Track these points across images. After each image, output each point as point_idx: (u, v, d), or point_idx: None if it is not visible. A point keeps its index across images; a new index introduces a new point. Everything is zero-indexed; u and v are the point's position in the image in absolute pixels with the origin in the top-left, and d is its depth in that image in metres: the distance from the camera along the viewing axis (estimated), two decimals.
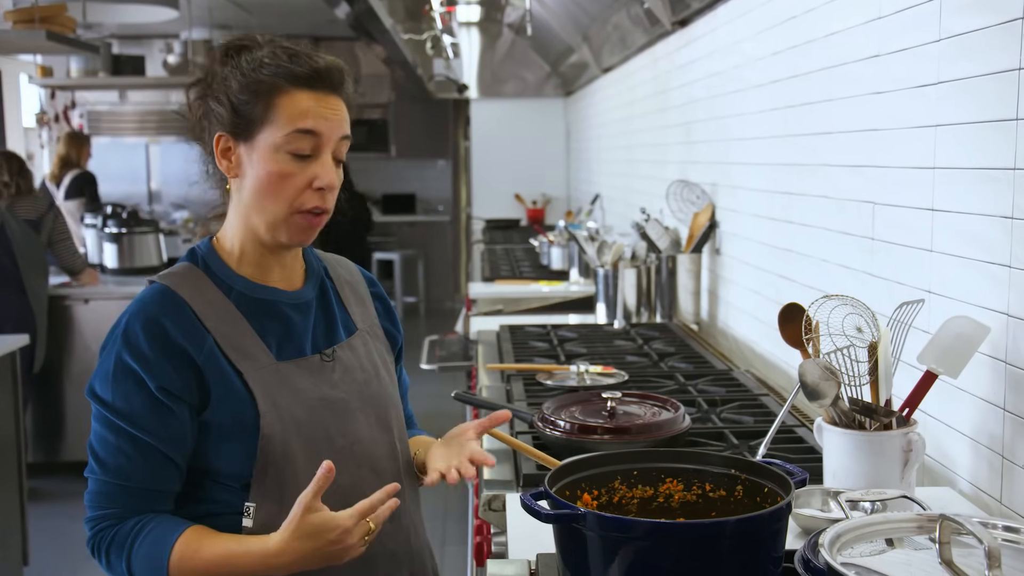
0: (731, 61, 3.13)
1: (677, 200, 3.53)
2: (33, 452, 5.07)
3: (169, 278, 1.42)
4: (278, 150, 1.37)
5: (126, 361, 1.35)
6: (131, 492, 1.35)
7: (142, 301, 1.39)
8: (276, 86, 1.38)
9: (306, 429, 1.40)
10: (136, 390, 1.34)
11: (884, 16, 1.98)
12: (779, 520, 1.21)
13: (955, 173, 1.72)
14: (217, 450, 1.38)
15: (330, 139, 1.39)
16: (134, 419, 1.34)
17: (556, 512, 1.23)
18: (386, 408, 1.52)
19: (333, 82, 1.41)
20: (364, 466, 1.45)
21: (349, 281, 1.59)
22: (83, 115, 9.62)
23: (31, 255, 4.76)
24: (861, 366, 1.61)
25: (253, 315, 1.43)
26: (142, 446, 1.34)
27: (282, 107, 1.37)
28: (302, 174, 1.38)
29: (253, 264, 1.45)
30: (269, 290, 1.45)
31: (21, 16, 4.40)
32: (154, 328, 1.36)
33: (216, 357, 1.37)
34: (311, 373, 1.44)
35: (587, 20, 5.40)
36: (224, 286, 1.43)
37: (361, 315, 1.57)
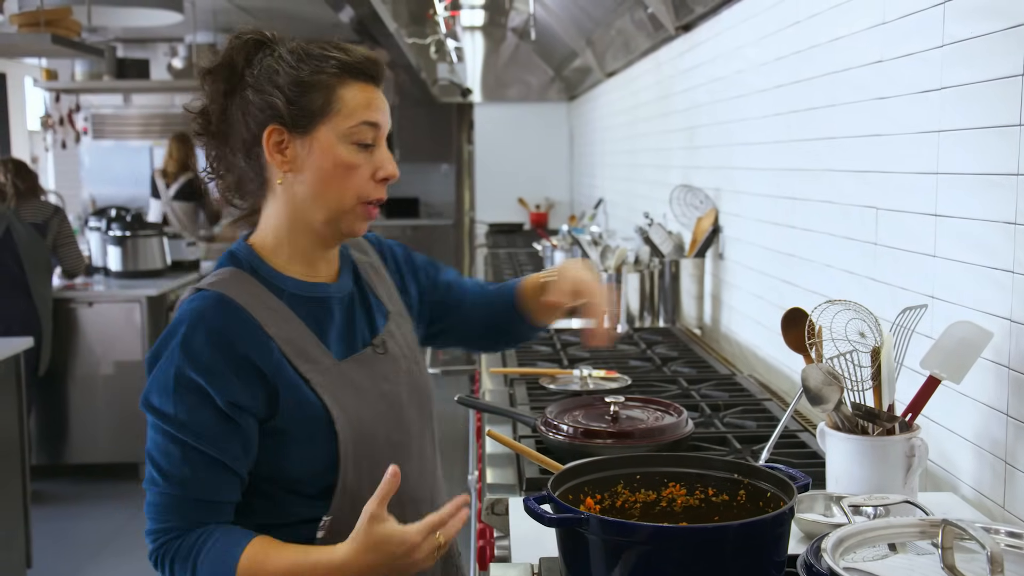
0: (735, 66, 3.14)
1: (680, 205, 3.53)
2: (37, 455, 5.08)
3: (222, 285, 1.36)
4: (343, 141, 1.37)
5: (189, 375, 1.29)
6: (194, 504, 1.31)
7: (200, 312, 1.32)
8: (337, 78, 1.38)
9: (369, 428, 1.39)
10: (201, 404, 1.30)
11: (888, 21, 1.98)
12: (782, 525, 1.21)
13: (958, 178, 1.72)
14: (290, 457, 1.35)
15: (385, 129, 1.42)
16: (198, 433, 1.30)
17: (559, 516, 1.23)
18: (428, 396, 1.52)
19: (380, 75, 1.44)
20: (413, 458, 1.44)
21: (369, 262, 1.57)
22: (87, 118, 9.63)
23: (37, 259, 4.78)
24: (864, 371, 1.61)
25: (308, 316, 1.40)
26: (206, 459, 1.30)
27: (346, 99, 1.38)
28: (367, 164, 1.39)
29: (302, 261, 1.42)
30: (319, 287, 1.43)
31: (26, 19, 4.41)
32: (219, 340, 1.30)
33: (283, 365, 1.34)
34: (367, 368, 1.43)
35: (591, 25, 5.40)
36: (275, 288, 1.39)
37: (388, 296, 1.55)
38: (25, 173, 5.08)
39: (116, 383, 5.16)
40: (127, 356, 5.16)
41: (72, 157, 9.78)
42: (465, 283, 1.71)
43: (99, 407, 5.17)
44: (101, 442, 5.19)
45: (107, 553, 4.32)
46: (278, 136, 1.37)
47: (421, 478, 1.45)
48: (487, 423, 2.24)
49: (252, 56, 1.42)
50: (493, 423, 2.22)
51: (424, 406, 1.50)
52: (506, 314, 1.71)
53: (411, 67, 6.79)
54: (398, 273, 1.62)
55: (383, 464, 1.36)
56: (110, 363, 5.16)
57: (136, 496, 5.28)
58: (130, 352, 5.16)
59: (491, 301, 1.71)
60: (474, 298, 1.70)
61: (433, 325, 1.68)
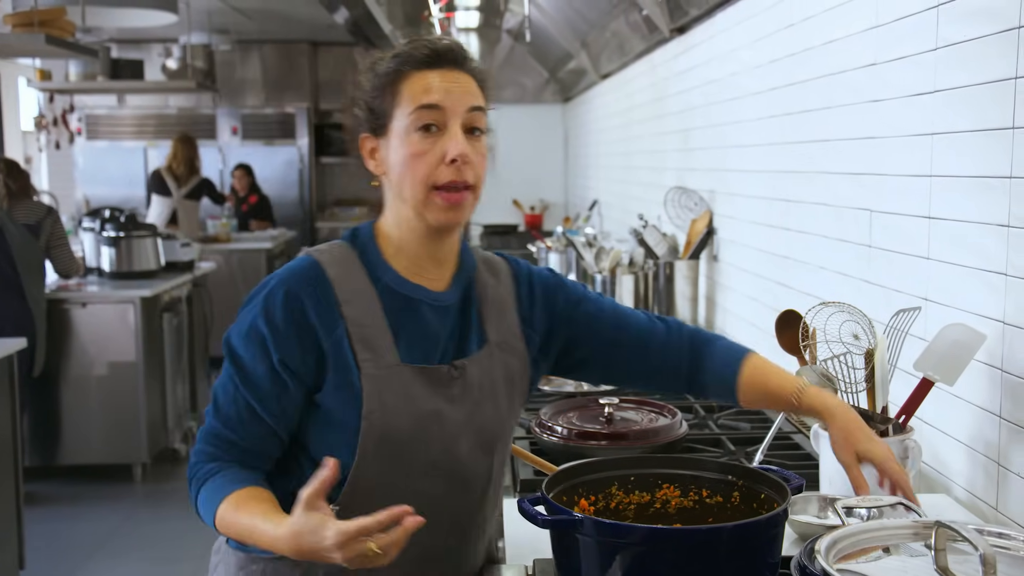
0: (729, 68, 3.14)
1: (675, 206, 3.54)
2: (30, 456, 5.06)
3: (324, 255, 1.41)
4: (408, 132, 1.37)
5: (259, 326, 1.36)
6: (232, 444, 1.38)
7: (291, 270, 1.39)
8: (399, 72, 1.39)
9: (406, 437, 1.37)
10: (260, 357, 1.36)
11: (882, 24, 1.99)
12: (776, 526, 1.22)
13: (952, 181, 1.73)
14: (320, 435, 1.39)
15: (456, 110, 1.38)
16: (249, 382, 1.36)
17: (553, 518, 1.23)
18: (493, 432, 1.46)
19: (455, 58, 1.41)
20: (456, 482, 1.41)
21: (493, 287, 1.52)
22: (81, 119, 9.62)
23: (30, 260, 4.76)
24: (858, 373, 1.62)
25: (393, 310, 1.40)
26: (250, 408, 1.37)
27: (405, 90, 1.38)
28: (433, 150, 1.37)
29: (408, 257, 1.43)
30: (415, 287, 1.42)
31: (20, 20, 4.40)
32: (293, 302, 1.36)
33: (342, 346, 1.36)
34: (432, 383, 1.41)
35: (586, 27, 5.41)
36: (373, 274, 1.41)
37: (497, 326, 1.49)
38: (17, 173, 5.03)
39: (110, 384, 5.15)
40: (121, 357, 5.14)
41: (66, 158, 9.76)
42: (624, 316, 1.57)
43: (92, 408, 5.15)
44: (94, 443, 5.18)
45: (101, 555, 4.30)
46: (370, 144, 1.43)
47: (463, 508, 1.44)
48: None
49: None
50: None
51: (489, 444, 1.46)
52: (703, 377, 1.54)
53: None
54: (529, 304, 1.54)
55: (416, 478, 1.38)
56: (104, 364, 5.15)
57: (130, 498, 5.25)
58: (124, 353, 5.14)
59: (676, 348, 1.55)
60: (636, 334, 1.55)
61: (570, 355, 1.57)
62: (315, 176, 9.97)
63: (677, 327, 1.57)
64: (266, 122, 9.75)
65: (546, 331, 1.54)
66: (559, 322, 1.54)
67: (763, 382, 1.49)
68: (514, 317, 1.51)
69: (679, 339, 1.55)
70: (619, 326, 1.55)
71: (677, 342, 1.55)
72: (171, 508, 4.82)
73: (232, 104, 9.67)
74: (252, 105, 9.72)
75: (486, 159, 1.44)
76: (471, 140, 1.39)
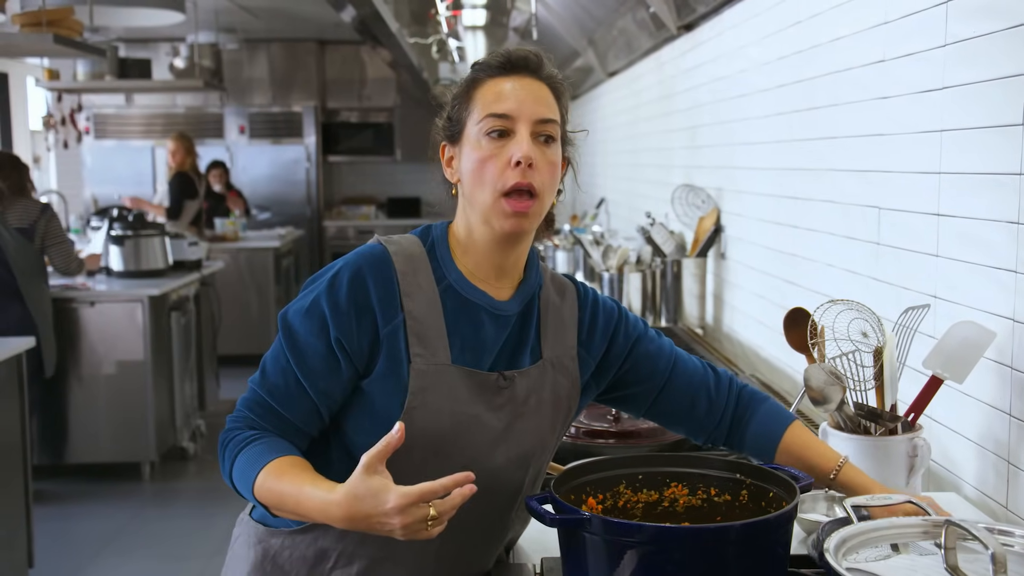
0: (737, 66, 3.13)
1: (682, 204, 3.53)
2: (38, 454, 5.08)
3: (393, 246, 1.43)
4: (478, 137, 1.40)
5: (321, 303, 1.37)
6: (273, 412, 1.39)
7: (360, 254, 1.41)
8: (475, 80, 1.43)
9: (445, 438, 1.38)
10: (318, 332, 1.37)
11: (890, 21, 1.98)
12: (784, 525, 1.21)
13: (961, 178, 1.72)
14: (359, 421, 1.40)
15: (523, 116, 1.39)
16: (303, 358, 1.38)
17: (561, 516, 1.23)
18: (531, 447, 1.46)
19: (529, 66, 1.43)
20: (486, 495, 1.36)
21: (558, 306, 1.52)
22: (89, 118, 9.64)
23: (26, 264, 4.71)
24: (866, 371, 1.61)
25: (452, 311, 1.42)
26: (298, 383, 1.38)
27: (478, 97, 1.41)
28: (501, 155, 1.38)
29: (475, 261, 1.45)
30: (478, 292, 1.44)
31: (29, 19, 4.41)
32: (358, 283, 1.38)
33: (398, 337, 1.37)
34: (478, 388, 1.41)
35: (593, 24, 5.40)
36: (438, 272, 1.43)
37: (553, 344, 1.50)
38: (12, 172, 4.88)
39: (118, 383, 5.16)
40: (129, 356, 5.16)
41: (74, 157, 9.80)
42: (680, 362, 1.57)
43: (101, 407, 5.17)
44: (103, 441, 5.19)
45: (108, 552, 4.32)
46: (448, 152, 1.48)
47: (487, 518, 1.44)
48: None
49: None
50: None
51: (525, 458, 1.45)
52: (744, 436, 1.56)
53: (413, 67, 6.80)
54: (590, 331, 1.54)
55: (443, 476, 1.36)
56: (112, 363, 5.16)
57: (138, 496, 5.27)
58: (132, 352, 5.16)
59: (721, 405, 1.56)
60: (688, 385, 1.56)
61: (618, 389, 1.58)
62: (322, 175, 9.99)
63: (728, 381, 1.59)
64: (273, 121, 9.77)
65: (602, 361, 1.55)
66: (616, 355, 1.55)
67: (802, 454, 1.50)
68: (573, 339, 1.52)
69: (728, 394, 1.57)
70: (674, 371, 1.56)
71: (726, 396, 1.57)
72: (179, 506, 4.84)
73: (239, 103, 9.69)
74: (259, 104, 9.74)
75: (557, 169, 1.43)
76: (540, 146, 1.40)
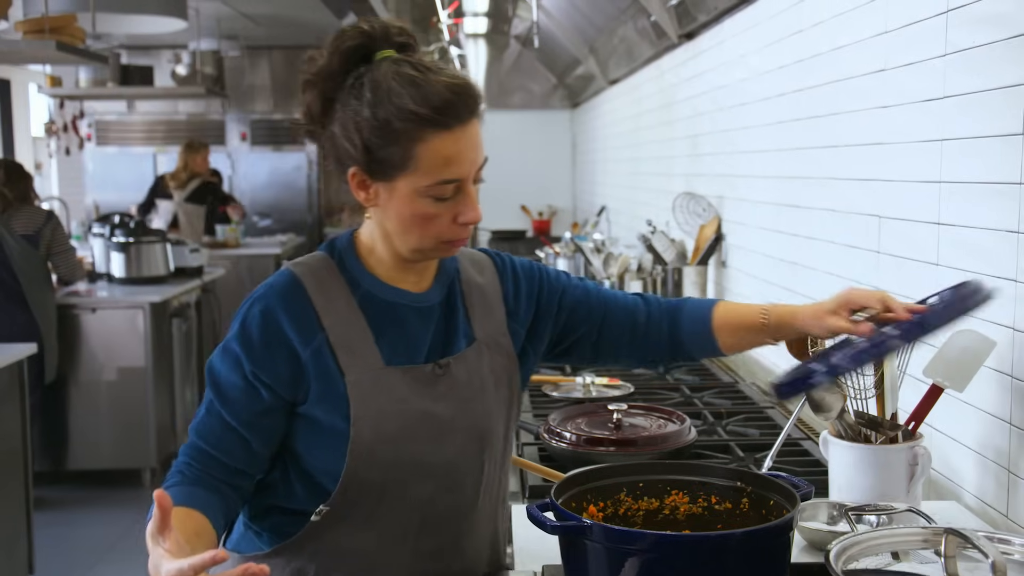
0: (737, 74, 3.14)
1: (683, 212, 3.54)
2: (39, 460, 5.07)
3: (301, 267, 1.43)
4: (420, 196, 1.34)
5: (233, 345, 1.38)
6: (210, 457, 1.37)
7: (269, 286, 1.41)
8: (411, 133, 1.31)
9: (396, 440, 1.38)
10: (233, 367, 1.38)
11: (890, 30, 1.99)
12: (785, 534, 1.22)
13: (961, 187, 1.72)
14: (309, 445, 1.39)
15: (471, 173, 1.37)
16: (224, 395, 1.38)
17: (562, 524, 1.23)
18: (484, 429, 1.47)
19: (468, 109, 1.35)
20: (446, 485, 1.41)
21: (480, 284, 1.53)
22: (91, 125, 9.65)
23: (31, 270, 4.72)
24: (867, 379, 1.61)
25: (374, 315, 1.41)
26: (224, 423, 1.38)
27: (421, 156, 1.32)
28: (447, 213, 1.36)
29: (389, 267, 1.44)
30: (395, 291, 1.43)
31: (31, 26, 4.42)
32: (268, 318, 1.37)
33: (323, 355, 1.37)
34: (417, 383, 1.41)
35: (594, 32, 5.41)
36: (353, 282, 1.42)
37: (483, 323, 1.50)
38: (16, 179, 4.90)
39: (119, 389, 5.16)
40: (130, 362, 5.16)
41: (76, 163, 9.80)
42: (609, 297, 1.61)
43: (102, 413, 5.17)
44: (104, 448, 5.19)
45: (109, 559, 4.31)
46: (361, 178, 1.38)
47: (454, 509, 1.44)
48: None
49: (348, 74, 1.35)
50: None
51: (482, 439, 1.46)
52: (681, 335, 1.58)
53: None
54: (515, 298, 1.55)
55: (404, 481, 1.39)
56: (113, 369, 5.16)
57: (138, 502, 5.26)
58: (133, 358, 5.16)
59: (657, 318, 1.60)
60: (624, 312, 1.59)
61: (562, 343, 1.60)
62: (324, 182, 10.00)
63: (655, 300, 1.63)
64: (275, 128, 9.78)
65: (533, 323, 1.56)
66: (546, 312, 1.57)
67: (733, 320, 1.55)
68: (501, 314, 1.53)
69: (659, 309, 1.61)
70: (607, 306, 1.59)
71: (657, 312, 1.60)
72: None
73: (241, 110, 9.70)
74: (261, 111, 9.75)
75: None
76: (475, 189, 1.40)
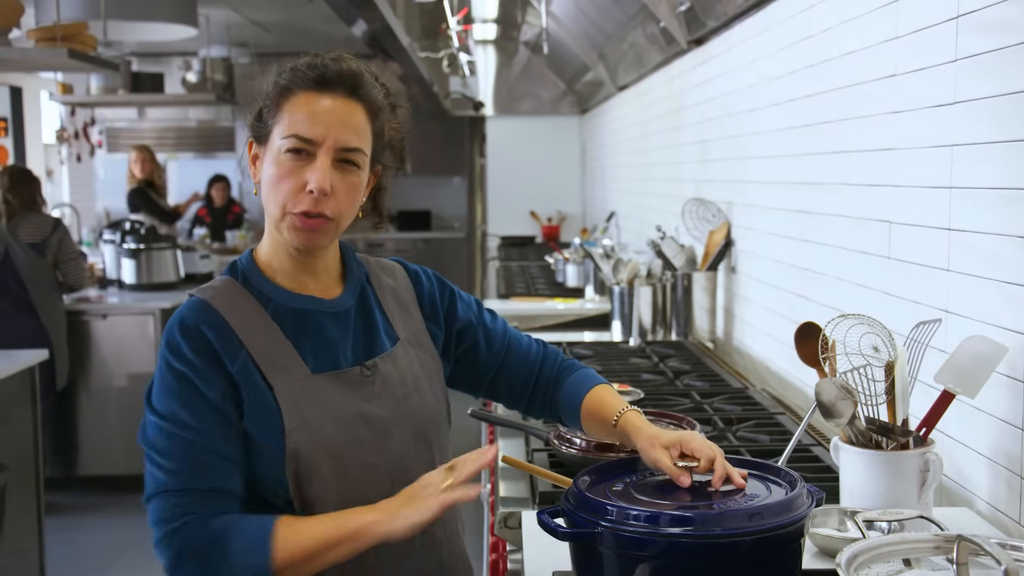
0: (747, 80, 3.14)
1: (693, 218, 3.53)
2: (50, 466, 5.09)
3: (207, 291, 1.41)
4: (279, 151, 1.37)
5: (177, 368, 1.34)
6: (202, 493, 1.32)
7: (180, 314, 1.39)
8: (287, 89, 1.38)
9: (336, 446, 1.37)
10: (193, 395, 1.34)
11: (900, 36, 1.98)
12: (795, 539, 1.21)
13: (972, 193, 1.72)
14: (251, 463, 1.37)
15: (327, 143, 1.36)
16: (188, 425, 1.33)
17: (572, 531, 1.23)
18: (426, 423, 1.48)
19: (345, 85, 1.38)
20: (397, 484, 1.40)
21: (392, 287, 1.55)
22: (102, 131, 9.70)
23: (38, 279, 4.73)
24: (878, 385, 1.61)
25: (290, 326, 1.41)
26: (198, 447, 1.33)
27: (287, 110, 1.37)
28: (296, 176, 1.36)
29: (285, 274, 1.44)
30: (306, 299, 1.43)
31: (43, 34, 4.44)
32: (193, 333, 1.35)
33: (249, 371, 1.36)
34: (348, 387, 1.41)
35: (603, 38, 5.42)
36: (263, 298, 1.42)
37: (403, 323, 1.52)
38: (22, 186, 4.92)
39: (129, 395, 5.18)
40: (140, 368, 5.18)
41: (87, 170, 9.84)
42: (513, 345, 1.64)
43: (112, 419, 5.19)
44: (114, 454, 5.21)
45: (120, 565, 4.32)
46: (254, 150, 1.44)
47: None
48: (499, 436, 2.24)
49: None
50: (505, 436, 2.22)
51: (423, 435, 1.47)
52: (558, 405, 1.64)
53: (424, 81, 6.82)
54: (430, 303, 1.58)
55: (354, 484, 1.38)
56: (123, 375, 5.19)
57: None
58: (143, 364, 5.18)
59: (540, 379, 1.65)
60: (518, 364, 1.64)
61: (456, 369, 1.62)
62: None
63: (554, 353, 1.68)
64: None
65: (443, 338, 1.59)
66: (453, 331, 1.60)
67: (596, 411, 1.57)
68: (418, 314, 1.56)
69: (553, 362, 1.66)
70: (507, 347, 1.64)
71: (552, 363, 1.66)
72: None
73: None
74: None
75: (358, 191, 1.42)
76: (341, 171, 1.38)
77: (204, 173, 9.16)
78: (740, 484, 1.31)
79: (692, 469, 1.35)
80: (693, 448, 1.37)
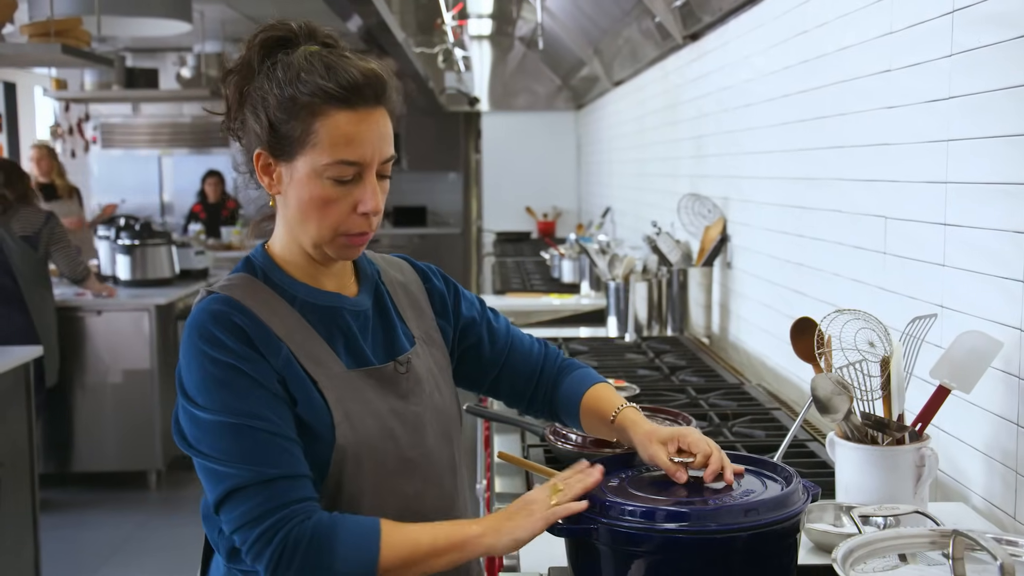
0: (742, 75, 3.14)
1: (688, 213, 3.53)
2: (44, 463, 5.09)
3: (232, 290, 1.34)
4: (320, 176, 1.31)
5: (222, 360, 1.27)
6: (282, 482, 1.25)
7: (206, 308, 1.31)
8: (314, 107, 1.29)
9: (376, 441, 1.36)
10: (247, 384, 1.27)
11: (896, 31, 1.98)
12: (791, 534, 1.21)
13: (968, 188, 1.72)
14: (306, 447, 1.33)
15: (373, 163, 1.33)
16: (255, 412, 1.26)
17: (568, 526, 1.23)
18: (448, 420, 1.47)
19: (375, 95, 1.33)
20: (430, 479, 1.40)
21: (403, 283, 1.53)
22: (97, 127, 9.68)
23: (30, 273, 4.72)
24: (873, 381, 1.61)
25: (319, 323, 1.38)
26: (266, 435, 1.26)
27: (322, 132, 1.29)
28: (346, 199, 1.32)
29: (304, 271, 1.40)
30: (332, 296, 1.40)
31: (37, 30, 4.43)
32: (233, 327, 1.29)
33: (293, 366, 1.32)
34: (381, 384, 1.40)
35: (598, 34, 5.41)
36: (287, 295, 1.37)
37: (417, 321, 1.51)
38: (16, 180, 4.88)
39: (124, 391, 5.18)
40: (136, 364, 5.17)
41: (81, 166, 9.83)
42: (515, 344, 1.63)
43: (107, 415, 5.18)
44: (109, 450, 5.21)
45: (115, 561, 4.32)
46: (265, 160, 1.35)
47: (439, 501, 1.43)
48: (495, 432, 2.24)
49: (262, 63, 1.37)
50: (501, 431, 2.22)
51: (448, 432, 1.47)
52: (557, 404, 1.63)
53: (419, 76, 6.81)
54: (440, 298, 1.57)
55: (391, 479, 1.37)
56: (119, 371, 5.18)
57: (144, 505, 5.26)
58: (139, 360, 5.17)
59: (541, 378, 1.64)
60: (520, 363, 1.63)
61: (459, 367, 1.60)
62: None
63: (555, 353, 1.67)
64: None
65: (454, 326, 1.58)
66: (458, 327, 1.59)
67: (595, 407, 1.56)
68: (430, 311, 1.55)
69: (554, 362, 1.65)
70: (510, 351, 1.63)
71: (552, 363, 1.65)
72: (186, 515, 4.84)
73: None
74: None
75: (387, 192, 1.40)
76: (381, 184, 1.36)
77: (198, 169, 9.15)
78: (728, 480, 1.31)
79: (688, 465, 1.35)
80: (690, 444, 1.37)
